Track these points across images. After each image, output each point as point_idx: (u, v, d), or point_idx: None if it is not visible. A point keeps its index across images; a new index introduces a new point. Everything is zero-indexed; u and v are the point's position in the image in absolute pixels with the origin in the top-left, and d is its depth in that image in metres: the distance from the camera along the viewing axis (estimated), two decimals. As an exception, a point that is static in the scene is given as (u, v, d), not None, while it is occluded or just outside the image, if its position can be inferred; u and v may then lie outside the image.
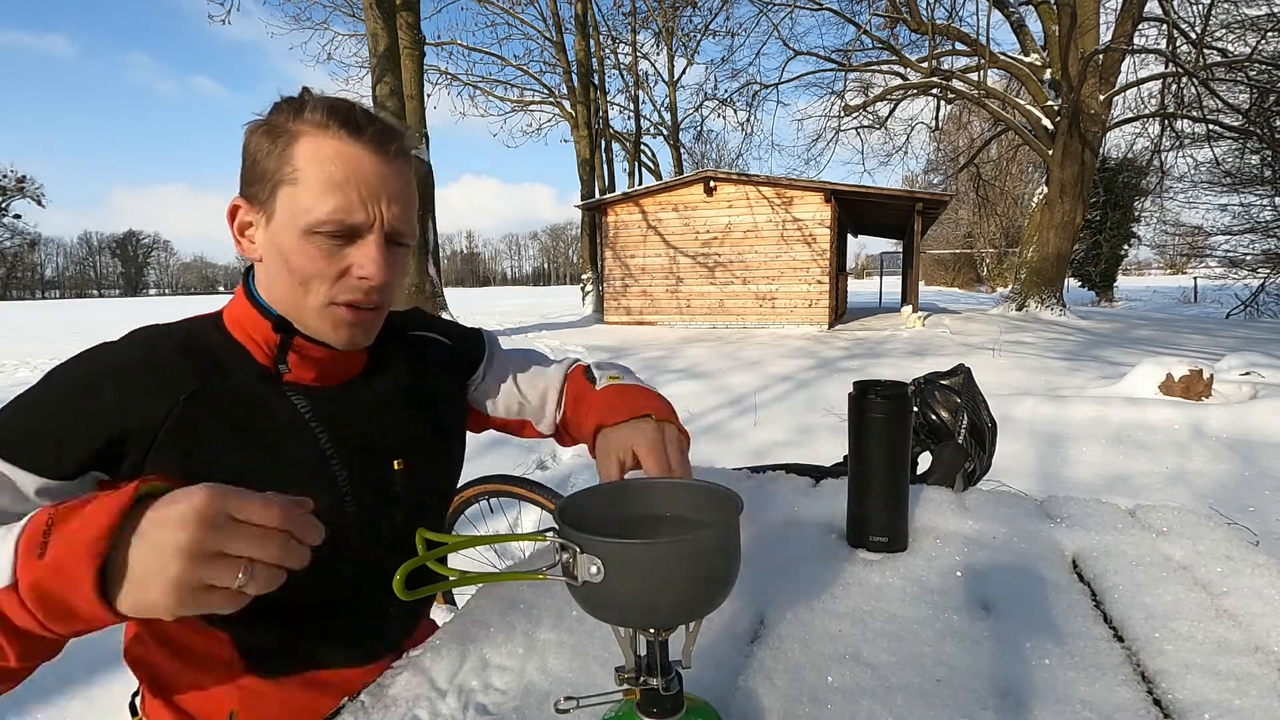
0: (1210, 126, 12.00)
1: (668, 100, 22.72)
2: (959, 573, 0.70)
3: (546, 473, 3.66)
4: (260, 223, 0.67)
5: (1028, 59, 12.83)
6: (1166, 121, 12.95)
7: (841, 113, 15.04)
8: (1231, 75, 11.11)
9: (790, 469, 1.12)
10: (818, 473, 1.11)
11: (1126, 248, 19.75)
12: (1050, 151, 11.86)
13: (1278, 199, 14.59)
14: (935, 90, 13.50)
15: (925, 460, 1.30)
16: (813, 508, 0.89)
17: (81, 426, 0.59)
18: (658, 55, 25.01)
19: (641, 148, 23.03)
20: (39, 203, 55.60)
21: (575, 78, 17.14)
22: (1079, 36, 10.89)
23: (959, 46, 13.70)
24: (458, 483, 0.92)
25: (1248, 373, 5.09)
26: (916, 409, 1.32)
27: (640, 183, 21.82)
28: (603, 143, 19.16)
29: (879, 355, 7.81)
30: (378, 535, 0.75)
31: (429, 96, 12.72)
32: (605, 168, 19.78)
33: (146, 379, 0.63)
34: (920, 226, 12.91)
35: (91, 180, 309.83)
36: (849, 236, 18.94)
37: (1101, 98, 11.36)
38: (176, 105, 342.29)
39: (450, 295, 17.36)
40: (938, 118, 15.01)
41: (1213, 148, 12.86)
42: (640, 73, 21.51)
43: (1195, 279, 21.30)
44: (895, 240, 21.83)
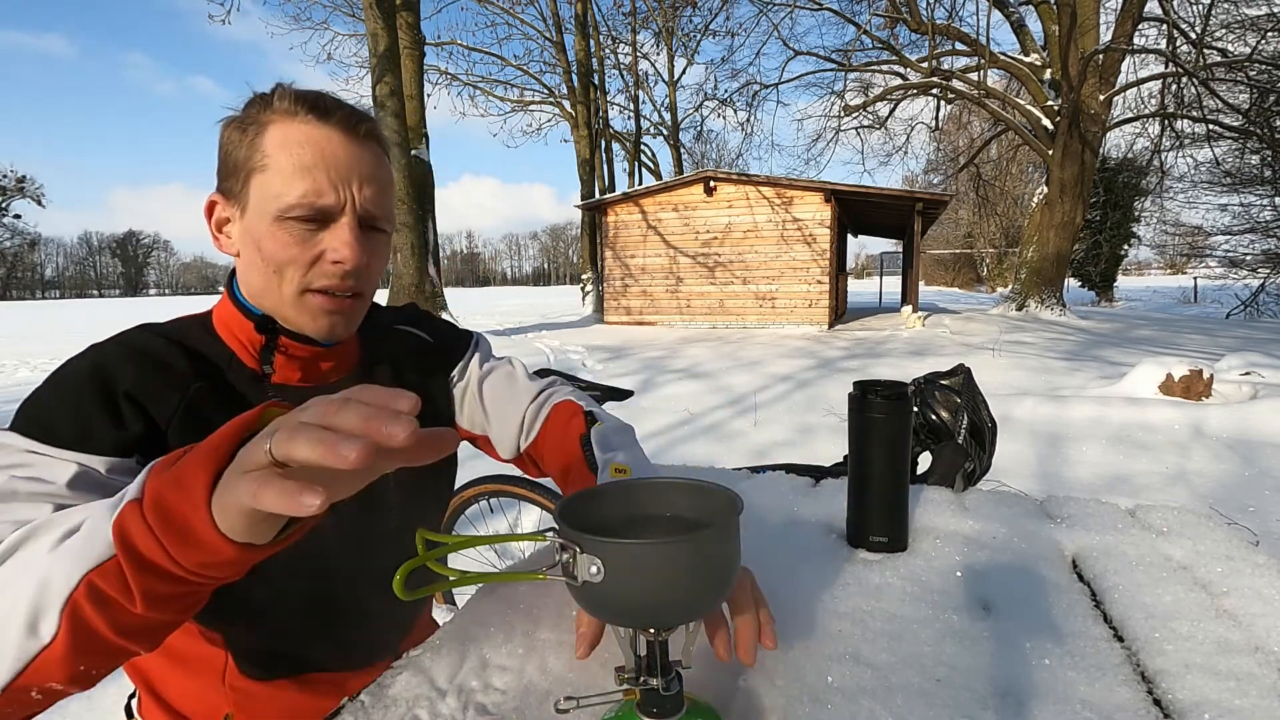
0: (1210, 126, 12.00)
1: (668, 100, 22.74)
2: (959, 573, 0.70)
3: (546, 473, 3.66)
4: (235, 216, 0.66)
5: (1028, 59, 12.83)
6: (1166, 121, 12.95)
7: (841, 113, 15.05)
8: (1231, 75, 11.11)
9: (790, 469, 1.12)
10: (818, 473, 1.11)
11: (1126, 248, 19.75)
12: (1050, 151, 11.86)
13: (1278, 199, 14.59)
14: (935, 90, 13.50)
15: (925, 460, 1.30)
16: (813, 508, 0.89)
17: (107, 406, 0.58)
18: (658, 55, 25.03)
19: (641, 148, 23.04)
20: (39, 203, 55.62)
21: (575, 78, 17.14)
22: (1079, 36, 10.89)
23: (959, 46, 13.71)
24: (454, 484, 0.91)
25: (1248, 373, 5.09)
26: (916, 409, 1.32)
27: (640, 183, 21.83)
28: (603, 143, 19.16)
29: (879, 355, 7.81)
30: (373, 538, 0.74)
31: (429, 96, 12.73)
32: (605, 168, 19.78)
33: (158, 371, 0.62)
34: (920, 226, 12.91)
35: (91, 180, 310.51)
36: (849, 236, 18.94)
37: (1101, 98, 11.36)
38: (176, 105, 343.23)
39: (450, 295, 17.35)
40: (938, 118, 15.01)
41: (1213, 148, 12.86)
42: (640, 73, 21.54)
43: (1195, 279, 21.30)
44: (895, 240, 21.83)
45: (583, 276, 16.47)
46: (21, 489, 0.51)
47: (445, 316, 7.34)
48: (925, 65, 13.23)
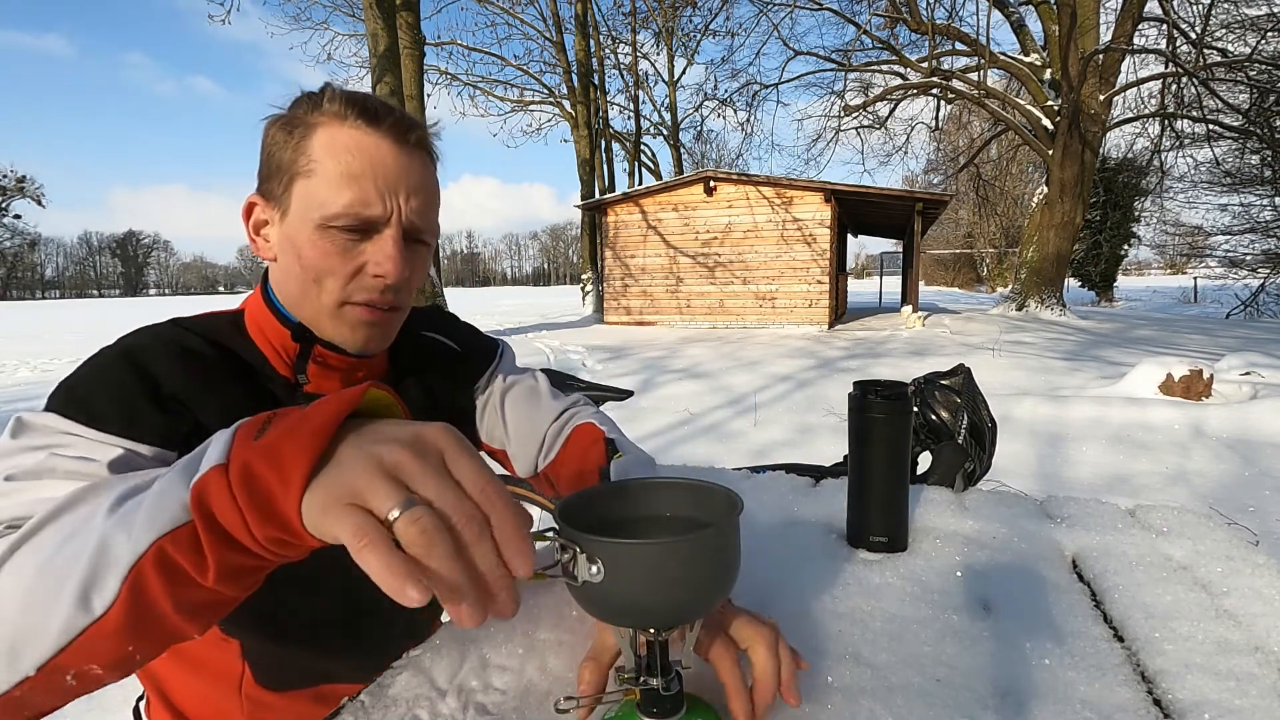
0: (1210, 126, 12.01)
1: (668, 100, 22.76)
2: (959, 573, 0.70)
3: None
4: (275, 219, 0.64)
5: (1028, 59, 12.84)
6: (1166, 121, 12.97)
7: (841, 113, 15.06)
8: (1231, 75, 11.12)
9: (790, 469, 1.12)
10: (818, 473, 1.11)
11: (1126, 248, 19.76)
12: (1050, 151, 11.86)
13: (1278, 199, 14.60)
14: (935, 90, 13.51)
15: (925, 460, 1.30)
16: (813, 508, 0.89)
17: (152, 400, 0.56)
18: (658, 55, 25.02)
19: (641, 148, 23.06)
20: (39, 203, 55.65)
21: (575, 78, 17.14)
22: (1079, 36, 10.89)
23: (959, 46, 13.72)
24: None
25: (1248, 373, 5.09)
26: (916, 409, 1.32)
27: (640, 183, 21.84)
28: (603, 143, 19.17)
29: (879, 355, 7.81)
30: None
31: (429, 96, 12.75)
32: (605, 168, 19.79)
33: (201, 372, 0.61)
34: (920, 226, 12.92)
35: (91, 180, 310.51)
36: (849, 236, 18.95)
37: (1101, 98, 11.37)
38: (175, 105, 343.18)
39: (450, 295, 17.35)
40: (938, 118, 15.03)
41: (1213, 148, 12.88)
42: (640, 73, 21.55)
43: (1195, 279, 21.31)
44: (895, 240, 21.85)
45: (583, 276, 16.47)
46: (60, 466, 0.49)
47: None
48: (925, 65, 13.23)
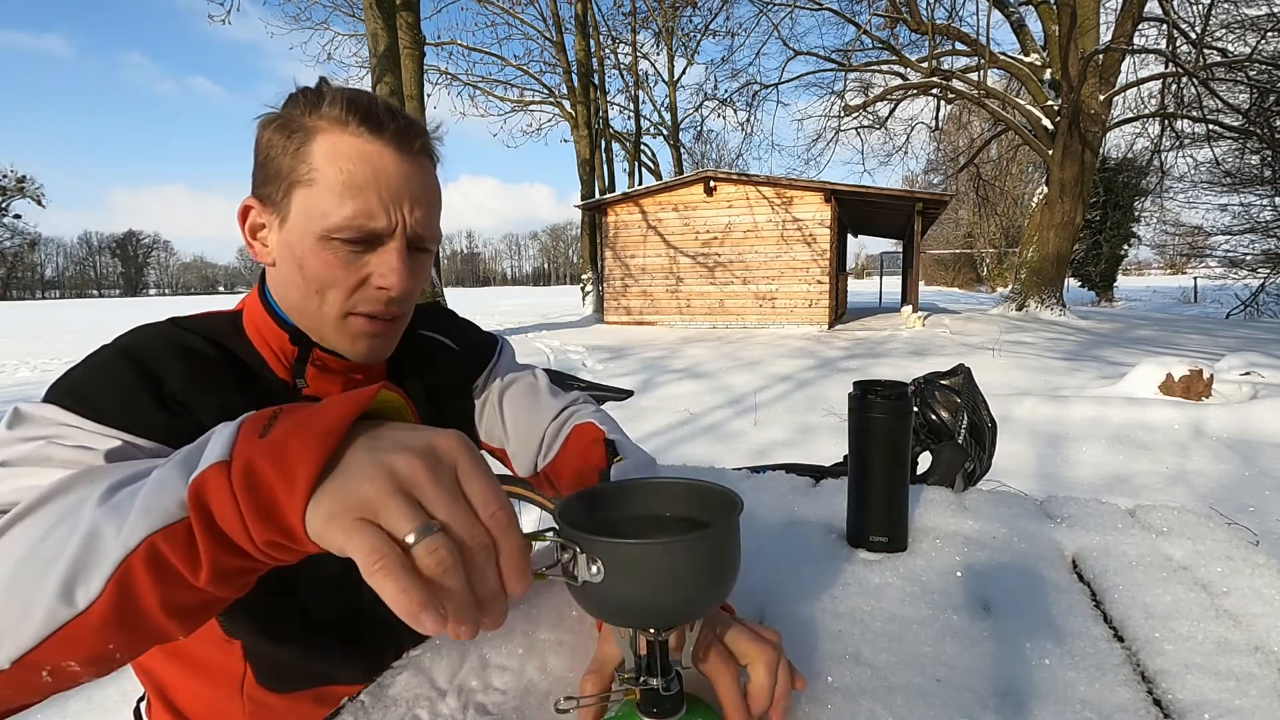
0: (1210, 126, 12.01)
1: (668, 100, 22.76)
2: (959, 573, 0.70)
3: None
4: (274, 225, 0.63)
5: (1028, 59, 12.84)
6: (1166, 121, 12.97)
7: (841, 113, 15.06)
8: (1231, 75, 11.12)
9: (790, 469, 1.12)
10: (818, 473, 1.11)
11: (1126, 248, 19.76)
12: (1050, 151, 11.86)
13: (1278, 199, 14.60)
14: (935, 90, 13.51)
15: (925, 460, 1.30)
16: (813, 508, 0.89)
17: (153, 397, 0.56)
18: (658, 55, 25.01)
19: (641, 148, 23.06)
20: (39, 203, 55.62)
21: (575, 78, 17.14)
22: (1079, 36, 10.89)
23: (959, 46, 13.72)
24: None
25: (1248, 373, 5.10)
26: (916, 409, 1.32)
27: (640, 183, 21.84)
28: (603, 143, 19.17)
29: (879, 355, 7.81)
30: None
31: (429, 96, 12.75)
32: (605, 168, 19.79)
33: (202, 373, 0.60)
34: (920, 226, 12.92)
35: (91, 180, 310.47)
36: (849, 236, 18.95)
37: (1101, 98, 11.37)
38: (175, 105, 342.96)
39: (450, 295, 17.35)
40: (938, 118, 15.03)
41: (1213, 148, 12.89)
42: (640, 73, 21.55)
43: (1195, 279, 21.31)
44: (895, 240, 21.85)
45: (583, 276, 16.47)
46: (57, 455, 0.48)
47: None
48: (925, 65, 13.24)
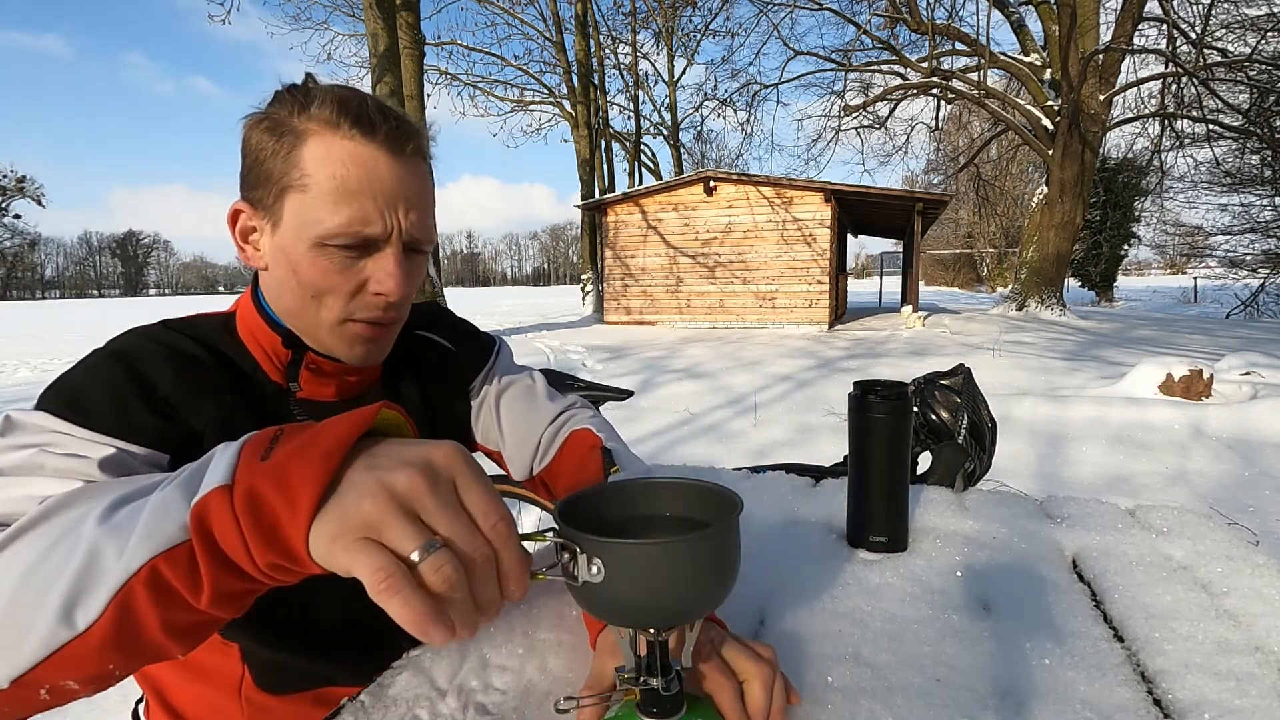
0: (1210, 126, 12.01)
1: (668, 100, 22.76)
2: (959, 573, 0.70)
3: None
4: (265, 229, 0.62)
5: (1028, 59, 12.84)
6: (1166, 121, 12.97)
7: (841, 113, 15.06)
8: (1231, 75, 11.12)
9: (790, 469, 1.12)
10: (818, 473, 1.11)
11: (1126, 248, 19.76)
12: (1050, 151, 11.86)
13: (1278, 199, 14.60)
14: (935, 90, 13.51)
15: (925, 460, 1.30)
16: (813, 508, 0.89)
17: (146, 402, 0.55)
18: (658, 55, 25.04)
19: (641, 148, 23.06)
20: (39, 203, 55.62)
21: (575, 78, 17.14)
22: (1079, 36, 10.89)
23: (959, 46, 13.72)
24: None
25: (1248, 373, 5.09)
26: (916, 409, 1.32)
27: (640, 183, 21.84)
28: (603, 143, 19.17)
29: (879, 355, 7.81)
30: None
31: (429, 96, 12.76)
32: (605, 168, 19.79)
33: (195, 377, 0.60)
34: (920, 226, 12.92)
35: (91, 180, 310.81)
36: (849, 236, 18.95)
37: (1101, 98, 11.37)
38: (175, 105, 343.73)
39: (450, 295, 17.35)
40: (938, 118, 15.03)
41: (1213, 148, 12.89)
42: (640, 73, 21.55)
43: (1195, 279, 21.31)
44: (895, 240, 21.84)
45: (583, 276, 16.47)
46: (50, 463, 0.48)
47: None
48: (925, 65, 13.24)
